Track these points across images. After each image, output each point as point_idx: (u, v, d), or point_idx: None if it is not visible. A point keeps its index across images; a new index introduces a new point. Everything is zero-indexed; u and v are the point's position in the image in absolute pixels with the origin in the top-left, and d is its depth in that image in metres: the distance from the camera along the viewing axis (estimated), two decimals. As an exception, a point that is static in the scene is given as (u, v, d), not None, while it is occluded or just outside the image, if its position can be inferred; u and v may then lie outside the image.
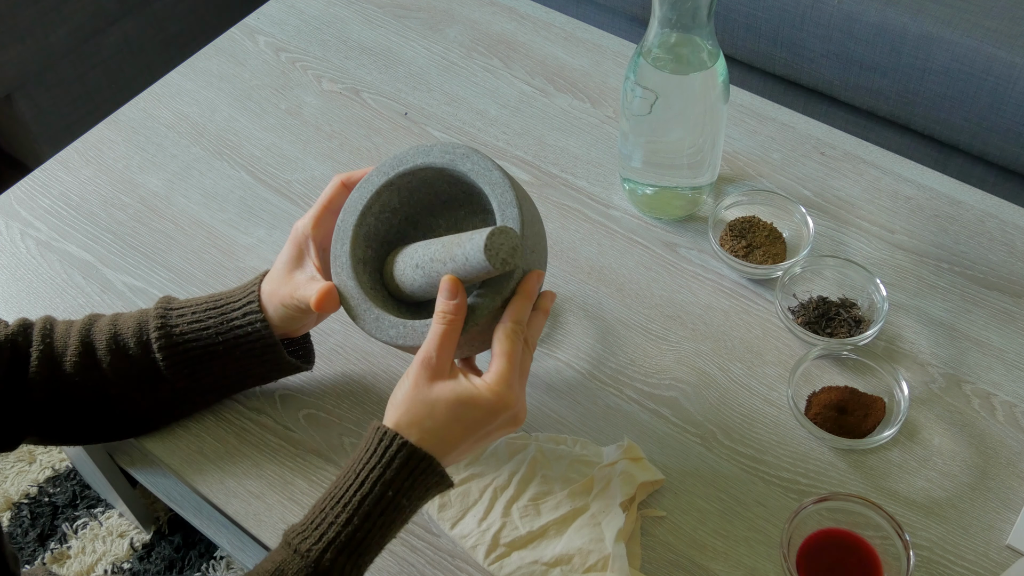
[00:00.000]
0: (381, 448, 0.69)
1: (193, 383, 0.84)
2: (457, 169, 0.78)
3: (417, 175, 0.80)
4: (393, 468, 0.69)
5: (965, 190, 1.04)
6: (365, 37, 1.24)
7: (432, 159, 0.79)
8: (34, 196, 1.10)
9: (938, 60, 1.28)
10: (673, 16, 0.87)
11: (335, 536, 0.68)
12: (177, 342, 0.82)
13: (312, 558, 0.67)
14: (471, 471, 0.84)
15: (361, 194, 0.80)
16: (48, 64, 1.69)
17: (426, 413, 0.70)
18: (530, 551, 0.80)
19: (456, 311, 0.71)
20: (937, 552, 0.80)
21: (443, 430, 0.70)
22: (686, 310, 0.96)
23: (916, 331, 0.93)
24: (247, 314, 0.82)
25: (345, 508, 0.68)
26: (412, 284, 0.77)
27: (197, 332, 0.82)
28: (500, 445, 0.86)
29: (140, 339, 0.82)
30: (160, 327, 0.82)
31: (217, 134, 1.15)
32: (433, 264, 0.74)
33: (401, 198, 0.81)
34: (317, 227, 0.81)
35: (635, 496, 0.81)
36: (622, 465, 0.82)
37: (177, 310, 0.83)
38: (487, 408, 0.70)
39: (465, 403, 0.70)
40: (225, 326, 0.82)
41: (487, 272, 0.70)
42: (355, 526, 0.68)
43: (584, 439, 0.86)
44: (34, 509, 1.50)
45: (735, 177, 1.06)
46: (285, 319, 0.81)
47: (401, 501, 0.69)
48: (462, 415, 0.70)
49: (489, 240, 0.69)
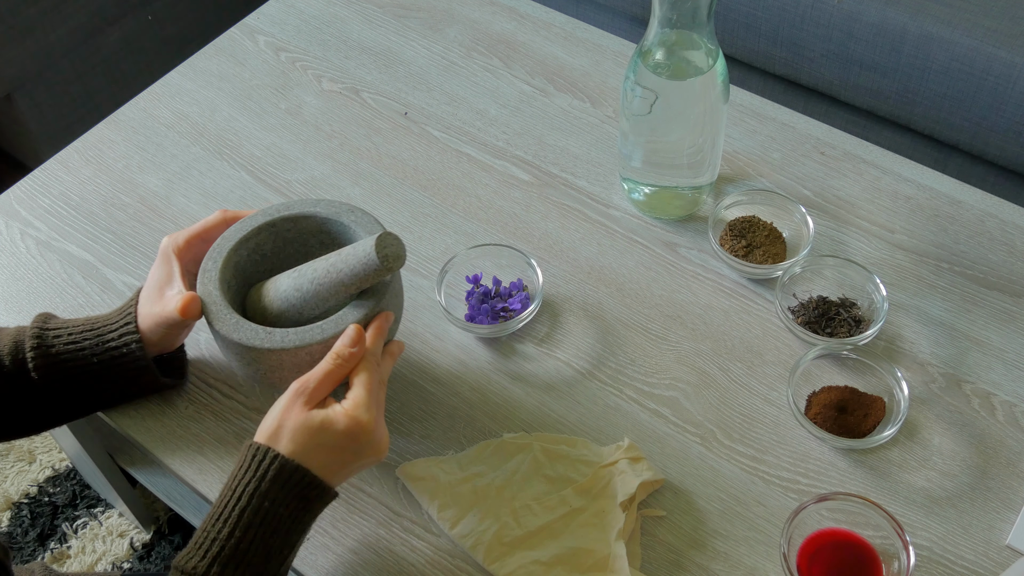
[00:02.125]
0: (255, 463, 0.72)
1: (67, 401, 0.85)
2: (340, 220, 0.84)
3: (298, 223, 0.86)
4: (268, 479, 0.71)
5: (965, 190, 1.04)
6: (365, 37, 1.24)
7: (318, 210, 0.86)
8: (34, 196, 1.10)
9: (938, 60, 1.28)
10: (673, 16, 0.87)
11: (219, 550, 0.70)
12: (52, 360, 0.83)
13: (199, 574, 0.69)
14: (471, 471, 0.84)
15: (243, 226, 0.85)
16: (48, 64, 1.69)
17: (293, 434, 0.73)
18: (530, 551, 0.80)
19: (351, 359, 0.76)
20: (937, 552, 0.80)
21: (305, 452, 0.73)
22: (686, 310, 0.96)
23: (916, 331, 0.93)
24: (123, 335, 0.84)
25: (226, 523, 0.71)
26: (284, 305, 0.82)
27: (73, 353, 0.84)
28: (501, 445, 0.86)
29: (16, 356, 0.83)
30: (36, 346, 0.83)
31: (217, 134, 1.15)
32: (315, 278, 0.79)
33: (275, 245, 0.87)
34: (186, 250, 0.85)
35: (635, 496, 0.81)
36: (622, 465, 0.83)
37: (53, 330, 0.85)
38: (345, 432, 0.73)
39: (326, 427, 0.73)
40: (101, 347, 0.84)
41: (375, 272, 0.76)
42: (237, 538, 0.70)
43: (584, 439, 0.86)
44: (34, 509, 1.50)
45: (735, 177, 1.06)
46: (160, 336, 0.84)
47: (279, 510, 0.72)
48: (324, 440, 0.73)
49: (379, 241, 0.75)
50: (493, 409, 0.90)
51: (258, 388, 0.90)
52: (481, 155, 1.10)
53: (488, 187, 1.07)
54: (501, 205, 1.05)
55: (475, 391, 0.91)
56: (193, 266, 0.86)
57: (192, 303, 0.80)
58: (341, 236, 0.86)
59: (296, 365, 0.78)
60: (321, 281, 0.79)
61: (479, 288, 0.97)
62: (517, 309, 0.95)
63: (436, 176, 1.09)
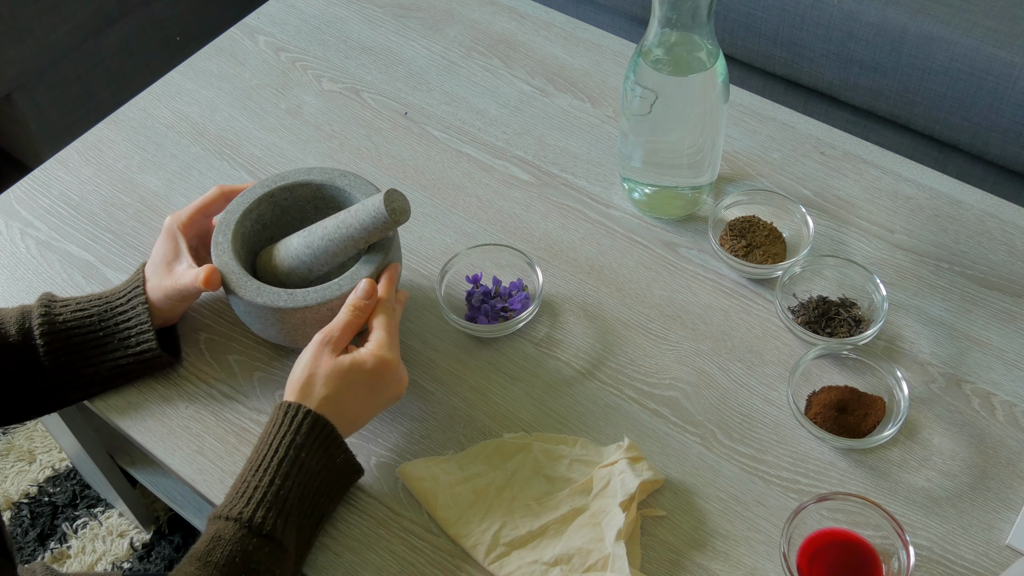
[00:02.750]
0: (288, 419, 0.78)
1: (68, 374, 0.87)
2: (335, 184, 0.91)
3: (294, 191, 0.93)
4: (302, 433, 0.77)
5: (965, 190, 1.04)
6: (365, 37, 1.24)
7: (312, 177, 0.92)
8: (34, 196, 1.10)
9: (938, 60, 1.28)
10: (673, 16, 0.87)
11: (262, 496, 0.74)
12: (59, 328, 0.86)
13: (245, 519, 0.73)
14: (471, 470, 0.84)
15: (244, 199, 0.91)
16: (48, 64, 1.69)
17: (326, 380, 0.79)
18: (530, 551, 0.80)
19: (366, 309, 0.83)
20: (937, 552, 0.80)
21: (337, 395, 0.79)
22: (686, 310, 0.96)
23: (916, 331, 0.93)
24: (131, 299, 0.88)
25: (266, 472, 0.76)
26: (294, 263, 0.88)
27: (80, 319, 0.87)
28: (501, 445, 0.86)
29: (22, 326, 0.86)
30: (44, 314, 0.87)
31: (217, 134, 1.15)
32: (326, 235, 0.86)
33: (273, 215, 0.93)
34: (190, 225, 0.91)
35: (635, 496, 0.81)
36: (622, 465, 0.82)
37: (60, 301, 0.89)
38: (373, 370, 0.80)
39: (356, 368, 0.80)
40: (108, 313, 0.88)
41: (383, 226, 0.83)
42: (278, 485, 0.75)
43: (584, 439, 0.86)
44: (34, 509, 1.50)
45: (735, 177, 1.06)
46: (169, 307, 0.89)
47: (312, 464, 0.77)
48: (354, 379, 0.80)
49: (387, 196, 0.83)
50: (493, 409, 0.90)
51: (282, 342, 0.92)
52: (481, 155, 1.10)
53: (488, 187, 1.07)
54: (501, 205, 1.05)
55: (475, 391, 0.91)
56: (195, 241, 0.92)
57: (213, 274, 0.85)
58: (336, 200, 0.92)
59: (318, 320, 0.84)
60: (331, 237, 0.86)
61: (479, 288, 0.97)
62: (517, 309, 0.95)
63: (436, 176, 1.09)
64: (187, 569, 0.70)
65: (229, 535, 0.72)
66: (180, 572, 0.70)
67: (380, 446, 0.88)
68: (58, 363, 0.86)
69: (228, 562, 0.71)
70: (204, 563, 0.70)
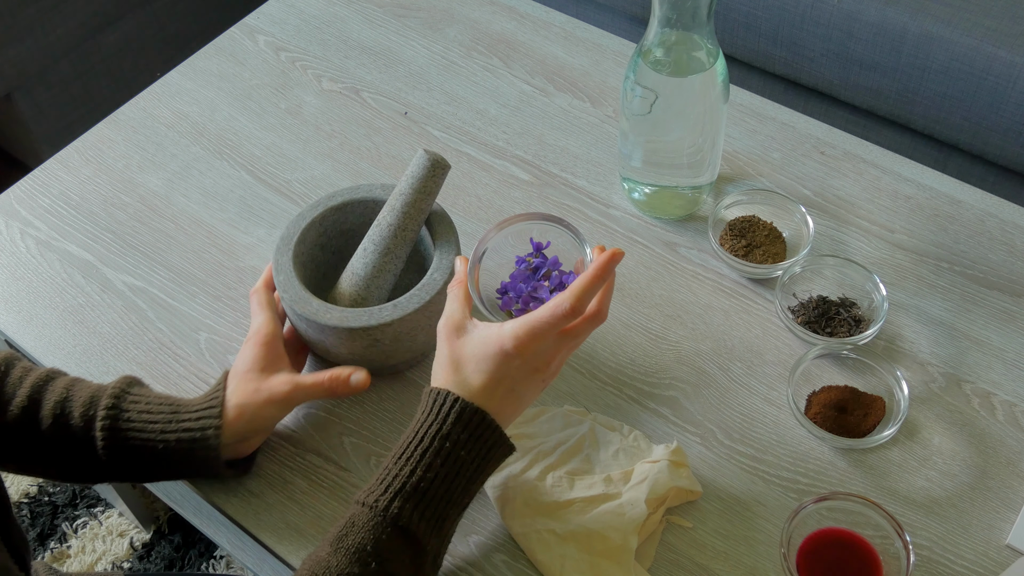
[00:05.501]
0: (436, 406, 0.74)
1: (122, 469, 0.83)
2: (374, 198, 0.92)
3: (345, 210, 0.93)
4: (449, 423, 0.73)
5: (965, 190, 1.04)
6: (365, 37, 1.24)
7: (359, 195, 0.93)
8: (34, 196, 1.10)
9: (938, 60, 1.28)
10: (673, 15, 0.87)
11: (401, 486, 0.71)
12: (122, 427, 0.81)
13: (380, 507, 0.71)
14: (521, 430, 0.85)
15: (286, 238, 0.90)
16: (48, 64, 1.69)
17: (462, 364, 0.74)
18: (549, 520, 0.80)
19: (464, 281, 0.78)
20: (937, 552, 0.80)
21: (474, 376, 0.74)
22: (686, 310, 0.96)
23: (916, 331, 0.93)
24: (201, 418, 0.81)
25: (408, 461, 0.72)
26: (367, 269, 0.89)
27: (144, 423, 0.81)
28: (557, 414, 0.87)
29: (86, 413, 0.81)
30: (111, 406, 0.81)
31: (217, 134, 1.15)
32: (380, 218, 0.88)
33: (328, 238, 0.94)
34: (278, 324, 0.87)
35: (665, 497, 0.81)
36: (663, 465, 0.82)
37: (133, 395, 0.82)
38: (496, 346, 0.73)
39: (482, 342, 0.74)
40: (173, 425, 0.81)
41: (429, 172, 0.87)
42: (419, 476, 0.72)
43: (639, 432, 0.86)
44: (34, 508, 1.50)
45: (735, 177, 1.06)
46: (258, 420, 0.82)
47: (460, 453, 0.73)
48: (478, 353, 0.74)
49: (425, 150, 0.87)
50: (493, 409, 0.90)
51: None
52: (481, 155, 1.10)
53: (488, 187, 1.07)
54: (501, 205, 1.05)
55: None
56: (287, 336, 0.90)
57: (367, 376, 0.83)
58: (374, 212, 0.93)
59: (413, 330, 0.86)
60: (385, 212, 0.88)
61: (537, 259, 0.83)
62: (544, 299, 0.82)
63: (436, 176, 1.09)
64: (321, 551, 0.71)
65: (363, 521, 0.71)
66: (315, 553, 0.71)
67: (355, 434, 0.88)
68: (113, 460, 0.82)
69: (359, 548, 0.70)
70: (336, 547, 0.70)
